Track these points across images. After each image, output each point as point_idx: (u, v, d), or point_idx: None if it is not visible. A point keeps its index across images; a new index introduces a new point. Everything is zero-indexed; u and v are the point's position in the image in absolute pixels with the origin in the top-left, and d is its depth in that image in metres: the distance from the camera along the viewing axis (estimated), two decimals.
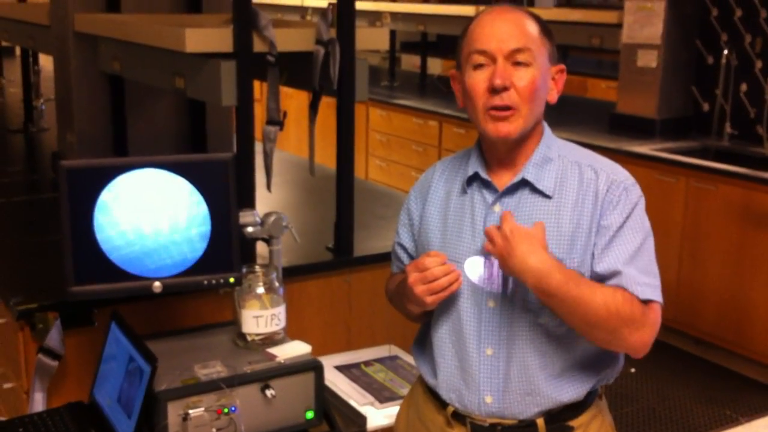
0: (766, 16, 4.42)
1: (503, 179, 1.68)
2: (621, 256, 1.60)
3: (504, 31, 1.61)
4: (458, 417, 1.72)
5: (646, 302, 1.60)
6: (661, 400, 3.82)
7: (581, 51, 5.66)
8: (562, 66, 1.69)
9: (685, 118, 4.84)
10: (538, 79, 1.62)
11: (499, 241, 1.58)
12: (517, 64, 1.60)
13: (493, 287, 1.66)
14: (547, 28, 1.66)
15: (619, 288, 1.59)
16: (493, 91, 1.60)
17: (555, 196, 1.64)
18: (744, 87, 4.58)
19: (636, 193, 1.65)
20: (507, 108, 1.61)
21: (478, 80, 1.62)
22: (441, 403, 1.75)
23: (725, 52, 4.58)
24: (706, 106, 4.75)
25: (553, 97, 1.68)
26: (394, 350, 2.47)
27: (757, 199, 3.90)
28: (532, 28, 1.63)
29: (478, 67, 1.62)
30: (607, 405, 1.80)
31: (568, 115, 5.35)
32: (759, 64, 4.50)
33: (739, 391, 3.90)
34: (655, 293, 1.61)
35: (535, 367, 1.65)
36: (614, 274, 1.60)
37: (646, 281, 1.60)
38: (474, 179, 1.71)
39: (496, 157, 1.69)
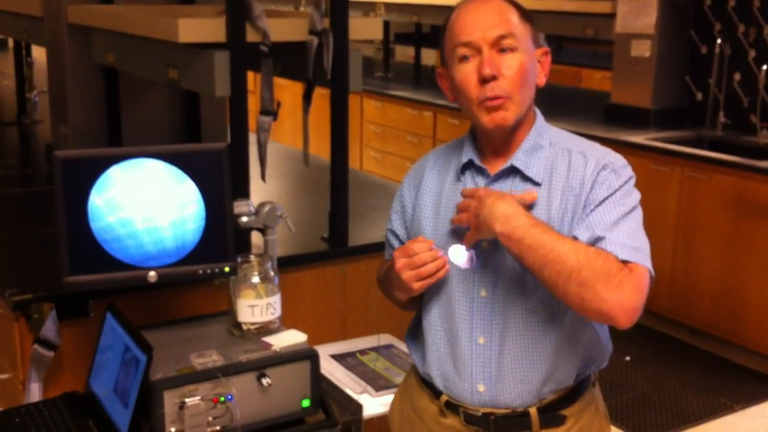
0: (759, 5, 4.43)
1: (497, 166, 1.68)
2: (602, 222, 1.56)
3: (485, 20, 1.60)
4: (451, 407, 1.72)
5: (627, 263, 1.53)
6: (656, 388, 3.84)
7: (576, 42, 5.68)
8: (546, 48, 1.69)
9: (679, 107, 4.85)
10: (527, 63, 1.61)
11: (473, 203, 1.59)
12: (503, 50, 1.59)
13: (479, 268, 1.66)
14: (526, 11, 1.66)
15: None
16: (483, 81, 1.59)
17: (544, 183, 1.64)
18: (737, 76, 4.58)
19: (626, 173, 1.62)
20: (499, 97, 1.60)
21: (466, 73, 1.61)
22: (434, 393, 1.75)
23: (719, 41, 4.58)
24: (699, 96, 4.75)
25: (542, 80, 1.68)
26: (390, 339, 2.48)
27: (751, 188, 3.91)
28: (512, 13, 1.62)
29: (464, 59, 1.61)
30: (600, 393, 1.80)
31: (563, 106, 5.36)
32: (752, 54, 4.50)
33: (734, 380, 3.92)
34: (638, 256, 1.54)
35: (527, 356, 1.65)
36: (596, 240, 1.55)
37: (628, 243, 1.54)
38: (468, 167, 1.71)
39: (491, 145, 1.69)
